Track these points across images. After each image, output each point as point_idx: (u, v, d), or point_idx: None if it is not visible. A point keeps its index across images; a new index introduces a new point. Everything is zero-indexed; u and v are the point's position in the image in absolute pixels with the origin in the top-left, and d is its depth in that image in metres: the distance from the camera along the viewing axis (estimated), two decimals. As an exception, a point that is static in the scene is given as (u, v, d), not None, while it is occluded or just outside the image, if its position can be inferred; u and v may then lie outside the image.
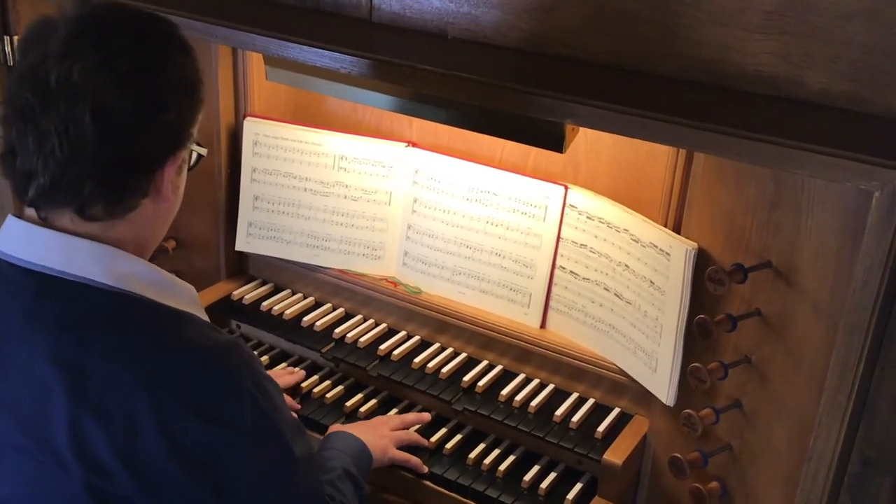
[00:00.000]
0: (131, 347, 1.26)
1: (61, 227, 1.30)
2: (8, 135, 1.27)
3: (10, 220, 1.34)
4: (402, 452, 1.86)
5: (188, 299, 1.39)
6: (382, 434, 1.87)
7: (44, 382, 1.25)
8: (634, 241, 1.81)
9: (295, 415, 1.97)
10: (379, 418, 1.96)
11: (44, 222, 1.30)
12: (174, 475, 1.26)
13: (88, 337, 1.26)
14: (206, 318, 1.40)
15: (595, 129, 1.54)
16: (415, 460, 1.86)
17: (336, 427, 1.87)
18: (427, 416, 2.00)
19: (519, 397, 1.96)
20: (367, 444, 1.78)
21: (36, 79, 1.22)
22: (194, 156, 1.45)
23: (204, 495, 1.29)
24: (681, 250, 1.69)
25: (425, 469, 1.86)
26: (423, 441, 1.92)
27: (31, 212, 1.32)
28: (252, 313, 2.24)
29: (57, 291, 1.28)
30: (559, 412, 1.92)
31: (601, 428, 1.88)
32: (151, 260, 2.29)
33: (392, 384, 2.05)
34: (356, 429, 1.84)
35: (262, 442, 1.34)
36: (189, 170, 1.45)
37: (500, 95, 1.55)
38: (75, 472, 1.24)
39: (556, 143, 1.70)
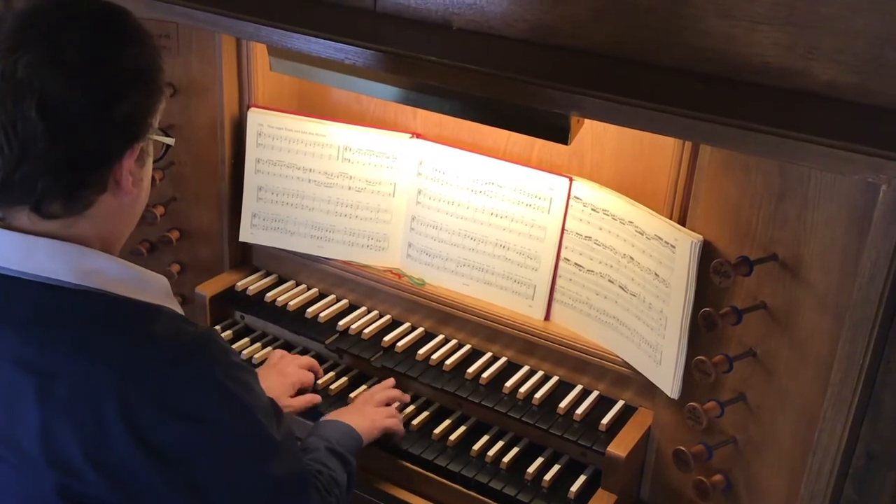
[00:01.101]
0: (98, 346, 1.23)
1: (20, 226, 1.26)
2: None
3: None
4: (391, 420, 1.89)
5: (160, 292, 1.35)
6: (365, 412, 1.89)
7: (10, 386, 1.23)
8: (639, 233, 1.80)
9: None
10: (361, 398, 1.97)
11: (2, 222, 1.27)
12: (147, 474, 1.23)
13: (53, 337, 1.23)
14: (179, 310, 1.37)
15: (601, 121, 1.54)
16: (400, 428, 1.91)
17: (326, 416, 1.87)
18: (391, 380, 2.03)
19: (523, 389, 1.95)
20: (352, 426, 1.79)
21: None
22: (162, 147, 1.42)
23: (179, 493, 1.27)
24: (686, 242, 1.68)
25: (402, 432, 1.91)
26: (404, 397, 1.98)
27: None
28: (256, 304, 2.24)
29: (19, 293, 1.25)
30: (563, 404, 1.91)
31: (605, 420, 1.88)
32: (154, 252, 2.35)
33: (396, 375, 2.04)
34: (344, 414, 1.85)
35: (239, 435, 1.31)
36: (156, 161, 1.42)
37: (504, 87, 1.55)
38: (47, 474, 1.22)
39: (561, 135, 1.69)
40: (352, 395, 2.02)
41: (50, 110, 1.18)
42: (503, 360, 2.06)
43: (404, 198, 2.13)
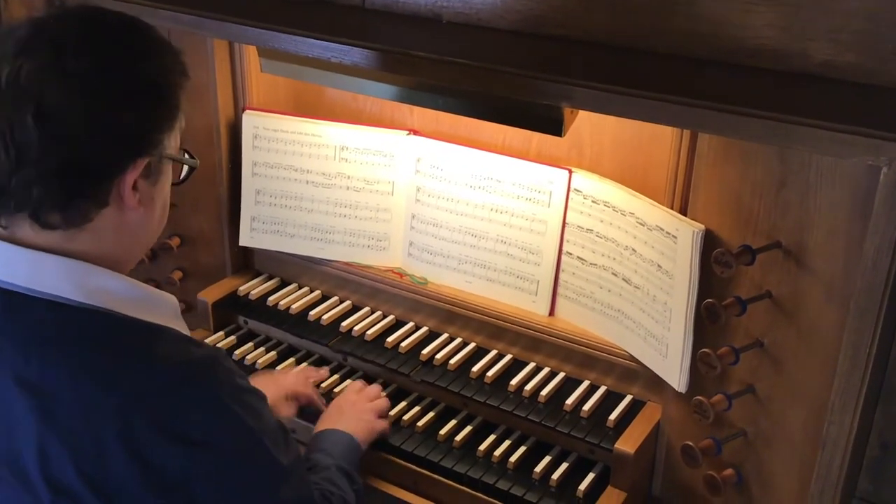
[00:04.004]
0: (100, 366, 1.21)
1: (23, 237, 1.25)
2: None
3: None
4: (383, 422, 1.87)
5: (167, 312, 1.33)
6: (363, 411, 1.85)
7: (11, 404, 1.21)
8: (640, 224, 1.76)
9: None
10: (351, 392, 1.94)
11: (6, 231, 1.25)
12: (145, 497, 1.21)
13: (54, 357, 1.21)
14: (186, 330, 1.34)
15: (592, 111, 1.50)
16: (388, 429, 1.88)
17: (320, 421, 1.83)
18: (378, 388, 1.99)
19: (529, 387, 1.92)
20: (353, 435, 1.76)
21: None
22: (185, 169, 1.40)
23: None
24: (687, 233, 1.64)
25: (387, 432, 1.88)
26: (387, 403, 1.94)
27: None
28: (259, 308, 2.22)
29: (24, 309, 1.23)
30: (570, 401, 1.88)
31: (613, 416, 1.84)
32: (156, 259, 2.33)
33: (400, 376, 2.02)
34: (340, 419, 1.81)
35: (244, 460, 1.29)
36: (177, 184, 1.39)
37: (493, 80, 1.51)
38: (43, 496, 1.20)
39: (554, 126, 1.65)
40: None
41: (46, 117, 1.16)
42: (508, 357, 2.02)
43: (403, 196, 2.10)
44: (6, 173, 1.18)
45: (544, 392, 1.91)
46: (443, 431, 1.90)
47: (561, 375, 1.97)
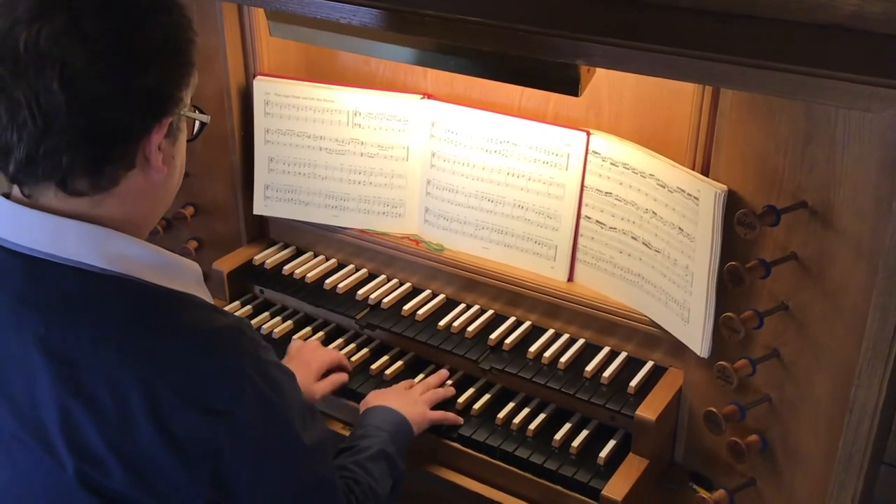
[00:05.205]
0: (123, 334, 1.19)
1: (47, 204, 1.23)
2: None
3: None
4: (438, 412, 1.83)
5: (191, 279, 1.31)
6: (415, 399, 1.82)
7: (34, 371, 1.19)
8: (661, 186, 1.72)
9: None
10: (404, 384, 1.91)
11: (30, 200, 1.24)
12: (170, 467, 1.19)
13: (78, 323, 1.19)
14: (209, 298, 1.32)
15: (609, 68, 1.44)
16: (451, 416, 1.83)
17: (372, 396, 1.82)
18: (445, 372, 1.95)
19: (548, 354, 1.89)
20: (405, 416, 1.74)
21: (5, 47, 1.14)
22: (196, 125, 1.37)
23: (202, 488, 1.22)
24: (709, 194, 1.59)
25: (461, 421, 1.83)
26: (451, 392, 1.89)
27: (17, 190, 1.25)
28: (274, 278, 2.19)
29: (46, 276, 1.21)
30: (590, 367, 1.85)
31: (634, 382, 1.81)
32: (170, 229, 2.31)
33: (417, 345, 1.99)
34: (390, 399, 1.79)
35: (264, 432, 1.26)
36: (191, 140, 1.36)
37: (505, 38, 1.46)
38: (67, 463, 1.19)
39: (571, 86, 1.61)
40: (372, 366, 1.98)
41: (71, 82, 1.13)
42: (527, 324, 1.99)
43: (418, 161, 2.06)
44: (35, 141, 1.15)
45: (564, 358, 1.87)
46: (461, 399, 1.88)
47: (581, 342, 1.93)
